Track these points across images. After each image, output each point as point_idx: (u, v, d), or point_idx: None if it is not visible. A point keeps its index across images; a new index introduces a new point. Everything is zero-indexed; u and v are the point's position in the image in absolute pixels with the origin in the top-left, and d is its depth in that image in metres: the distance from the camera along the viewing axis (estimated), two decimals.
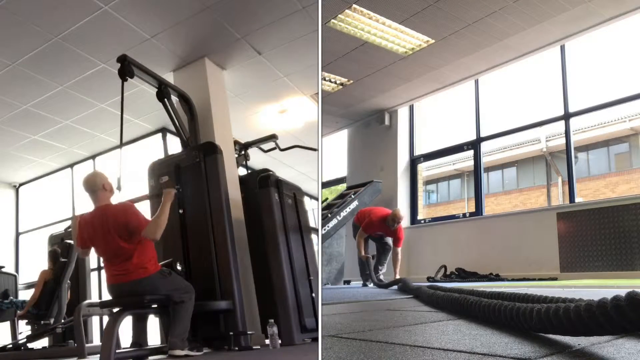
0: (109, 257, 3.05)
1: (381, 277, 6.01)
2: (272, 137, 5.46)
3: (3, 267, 6.04)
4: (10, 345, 4.51)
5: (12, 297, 5.52)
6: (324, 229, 6.24)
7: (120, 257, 2.99)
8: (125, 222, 2.97)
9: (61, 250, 5.02)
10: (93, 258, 5.99)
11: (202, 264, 3.79)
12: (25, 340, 4.46)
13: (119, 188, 3.32)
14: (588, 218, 5.55)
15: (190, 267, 3.81)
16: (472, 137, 7.11)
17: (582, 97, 6.17)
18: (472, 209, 7.17)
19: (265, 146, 5.68)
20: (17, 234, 8.26)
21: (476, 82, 6.99)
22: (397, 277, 5.81)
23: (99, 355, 2.85)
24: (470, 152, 7.19)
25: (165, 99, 4.15)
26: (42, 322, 4.69)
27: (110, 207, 3.06)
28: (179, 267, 3.46)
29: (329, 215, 6.37)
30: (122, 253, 2.98)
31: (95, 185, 3.08)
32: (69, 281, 5.02)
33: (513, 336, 1.47)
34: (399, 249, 6.05)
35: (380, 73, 6.50)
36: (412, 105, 7.88)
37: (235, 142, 5.20)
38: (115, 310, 3.13)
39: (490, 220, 6.82)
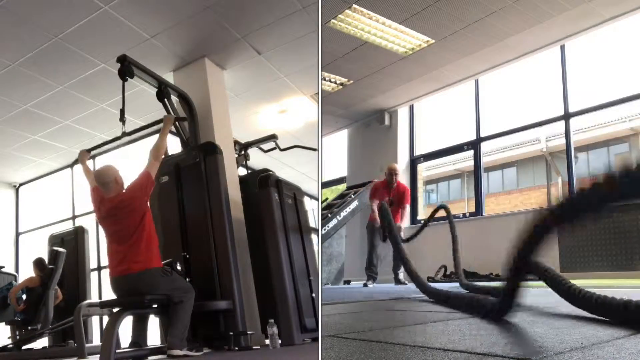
0: (114, 248, 3.10)
1: (401, 276, 5.91)
2: (272, 137, 5.46)
3: (3, 267, 6.04)
4: (10, 346, 4.52)
5: (12, 282, 5.54)
6: (324, 229, 6.24)
7: (125, 250, 3.04)
8: (131, 202, 3.09)
9: (48, 257, 5.04)
10: (93, 258, 6.00)
11: (202, 264, 3.79)
12: (12, 346, 4.47)
13: (122, 120, 3.63)
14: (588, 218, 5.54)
15: (190, 267, 3.81)
16: (472, 137, 7.11)
17: (582, 97, 6.16)
18: (472, 209, 7.16)
19: (265, 146, 5.68)
20: (17, 234, 8.25)
21: (476, 82, 6.98)
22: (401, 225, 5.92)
23: (99, 355, 2.85)
24: (470, 152, 7.19)
25: (165, 99, 4.16)
26: (29, 327, 4.70)
27: (120, 197, 3.14)
28: (179, 267, 3.47)
29: (329, 215, 6.37)
30: (128, 247, 3.03)
31: (109, 177, 3.15)
32: (56, 287, 5.02)
33: (513, 336, 1.47)
34: (407, 206, 6.10)
35: (380, 73, 6.49)
36: (412, 105, 7.87)
37: (235, 142, 5.20)
38: (115, 310, 3.14)
39: (490, 220, 6.81)
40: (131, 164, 6.07)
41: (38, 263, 5.04)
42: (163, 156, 3.42)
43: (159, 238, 3.62)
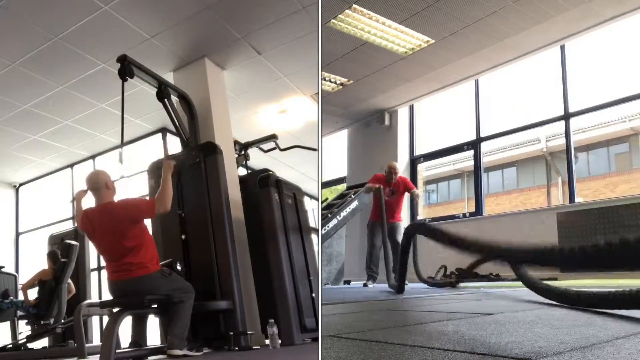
0: (110, 256, 3.07)
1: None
2: (272, 137, 5.46)
3: (3, 267, 6.03)
4: (10, 345, 4.52)
5: (12, 297, 5.53)
6: (324, 229, 6.23)
7: (121, 255, 3.00)
8: (125, 215, 3.00)
9: (61, 250, 5.02)
10: (93, 258, 6.00)
11: (202, 264, 3.79)
12: (25, 340, 4.46)
13: (120, 161, 3.35)
14: (588, 218, 5.55)
15: (190, 267, 3.81)
16: (472, 137, 7.11)
17: (582, 97, 6.16)
18: (472, 209, 7.16)
19: (265, 146, 5.68)
20: (17, 234, 8.25)
21: (476, 82, 6.98)
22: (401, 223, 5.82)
23: (99, 355, 2.85)
24: (470, 152, 7.19)
25: (165, 99, 4.15)
26: (42, 322, 4.69)
27: (112, 205, 3.09)
28: (179, 267, 3.46)
29: (329, 215, 6.36)
30: (123, 251, 2.99)
31: (98, 183, 3.11)
32: (69, 281, 5.02)
33: (513, 336, 1.47)
34: (415, 190, 5.99)
35: (380, 73, 6.49)
36: (412, 105, 7.87)
37: (235, 142, 5.20)
38: (115, 310, 3.14)
39: (490, 220, 6.81)
40: (131, 164, 6.09)
41: (52, 255, 5.01)
42: (170, 201, 3.13)
43: (159, 238, 3.62)
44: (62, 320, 4.69)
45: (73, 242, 5.04)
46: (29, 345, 4.47)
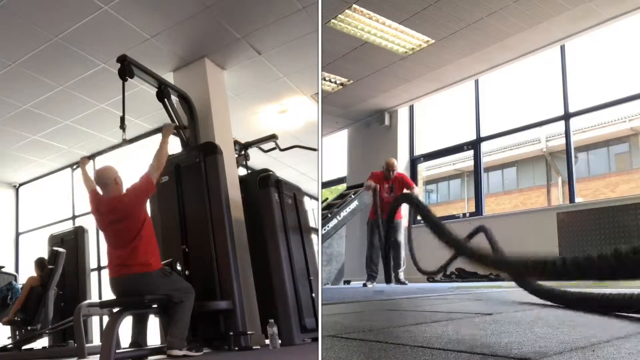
0: (115, 243, 3.11)
1: (401, 276, 5.90)
2: (272, 137, 5.46)
3: (3, 267, 6.04)
4: (11, 345, 4.52)
5: (12, 282, 5.54)
6: (324, 229, 6.23)
7: (124, 245, 3.04)
8: (132, 199, 3.10)
9: (48, 257, 5.04)
10: (93, 258, 6.00)
11: (202, 264, 3.79)
12: (11, 346, 4.47)
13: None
14: (588, 218, 5.55)
15: (190, 267, 3.81)
16: (472, 137, 7.11)
17: (582, 97, 6.16)
18: (472, 209, 7.16)
19: (265, 146, 5.68)
20: (17, 234, 8.25)
21: (476, 82, 6.98)
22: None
23: (99, 355, 2.85)
24: (470, 152, 7.19)
25: (165, 99, 4.16)
26: (29, 327, 4.69)
27: (120, 197, 3.15)
28: (179, 267, 3.47)
29: (329, 215, 6.36)
30: (127, 241, 3.04)
31: (108, 179, 3.17)
32: (55, 287, 5.02)
33: (513, 336, 1.47)
34: (414, 189, 5.97)
35: (380, 73, 6.49)
36: (412, 105, 7.87)
37: (235, 142, 5.20)
38: (115, 310, 3.14)
39: (490, 220, 6.80)
40: (132, 164, 6.09)
41: (39, 262, 5.05)
42: (164, 164, 3.37)
43: (158, 238, 3.63)
44: (50, 326, 4.71)
45: (60, 250, 5.05)
46: (29, 346, 4.48)
